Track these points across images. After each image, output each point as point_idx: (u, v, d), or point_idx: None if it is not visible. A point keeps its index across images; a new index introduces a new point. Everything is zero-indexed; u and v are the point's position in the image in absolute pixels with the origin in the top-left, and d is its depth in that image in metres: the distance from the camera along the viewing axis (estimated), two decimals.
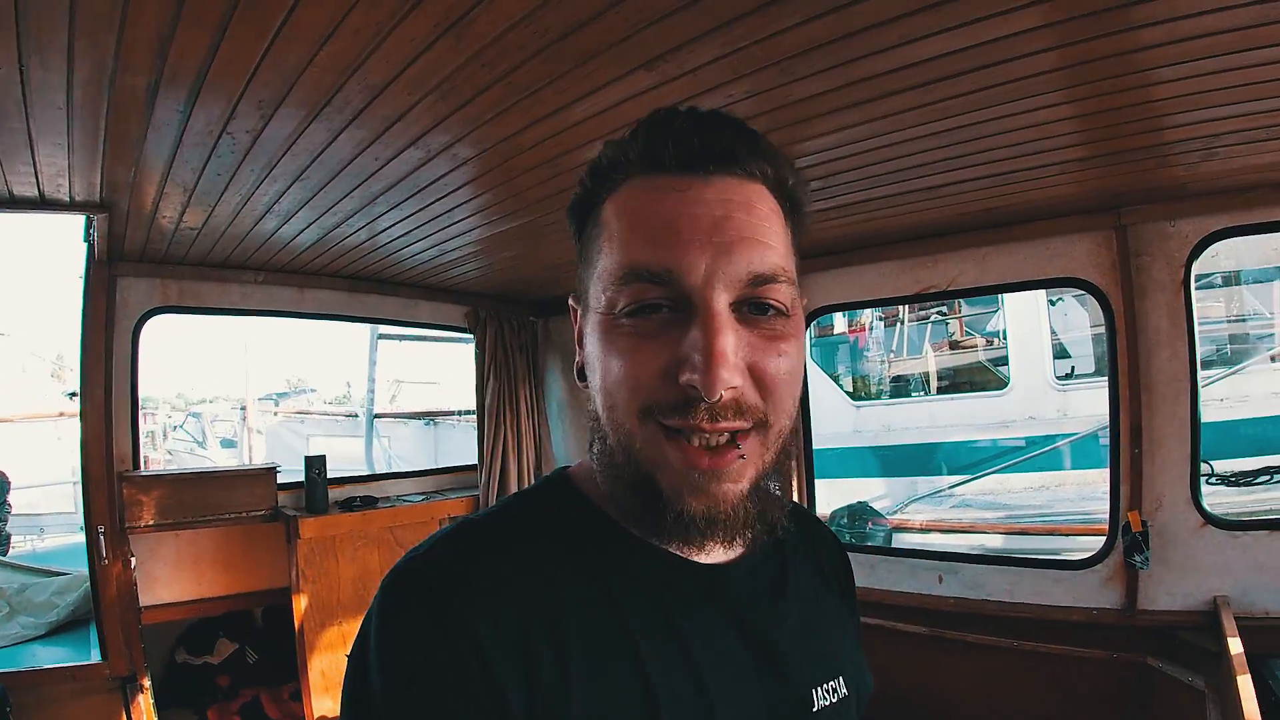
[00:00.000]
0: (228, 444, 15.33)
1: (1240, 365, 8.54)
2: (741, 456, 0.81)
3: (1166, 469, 3.27)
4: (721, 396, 0.77)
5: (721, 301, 0.79)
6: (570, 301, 0.96)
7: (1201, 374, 3.28)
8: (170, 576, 4.32)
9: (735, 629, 0.91)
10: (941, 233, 3.70)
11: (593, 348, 0.86)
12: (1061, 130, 2.50)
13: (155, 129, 2.24)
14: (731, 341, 0.78)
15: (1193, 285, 3.21)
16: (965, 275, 3.74)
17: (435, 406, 12.93)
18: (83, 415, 3.79)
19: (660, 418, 0.80)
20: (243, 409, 13.77)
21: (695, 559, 0.90)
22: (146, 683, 3.79)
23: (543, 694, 0.77)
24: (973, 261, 3.70)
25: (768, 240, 0.83)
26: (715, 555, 0.91)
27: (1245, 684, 2.52)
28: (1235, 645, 2.78)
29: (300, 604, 4.13)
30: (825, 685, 0.98)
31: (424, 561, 0.83)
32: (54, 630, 4.30)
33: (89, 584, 4.27)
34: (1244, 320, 9.85)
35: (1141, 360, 3.27)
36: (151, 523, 3.87)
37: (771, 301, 0.82)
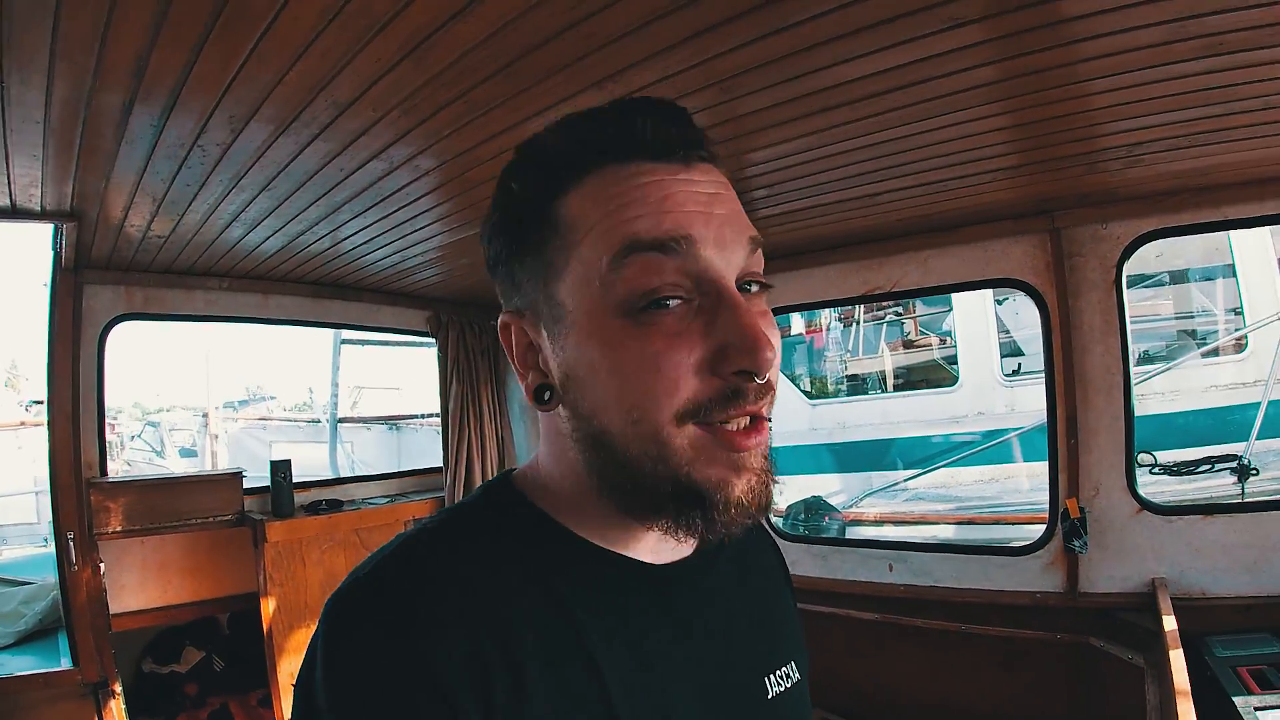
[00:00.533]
0: (187, 453, 15.18)
1: (1176, 361, 8.77)
2: (771, 425, 0.81)
3: (1102, 458, 3.43)
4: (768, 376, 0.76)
5: (733, 282, 0.78)
6: (505, 319, 0.89)
7: (1146, 368, 3.44)
8: (137, 584, 4.32)
9: (691, 626, 0.91)
10: (885, 237, 3.84)
11: (586, 357, 0.79)
12: (994, 140, 2.64)
13: (129, 142, 2.32)
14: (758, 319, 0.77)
15: (1124, 284, 3.36)
16: (908, 277, 3.89)
17: (397, 411, 12.92)
18: (50, 422, 3.79)
19: (704, 417, 0.77)
20: (204, 416, 13.68)
21: (646, 560, 0.89)
22: (118, 688, 3.80)
23: (500, 712, 0.75)
24: (915, 264, 3.85)
25: (747, 215, 0.82)
26: (665, 555, 0.90)
27: (1177, 658, 2.66)
28: (1170, 623, 2.92)
29: (268, 607, 4.16)
30: (779, 672, 0.99)
31: (369, 582, 0.80)
32: (22, 639, 4.25)
33: (58, 592, 4.29)
34: (1192, 317, 10.11)
35: (1076, 356, 3.43)
36: (119, 528, 3.88)
37: (758, 276, 0.82)
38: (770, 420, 0.80)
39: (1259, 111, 2.38)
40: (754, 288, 0.82)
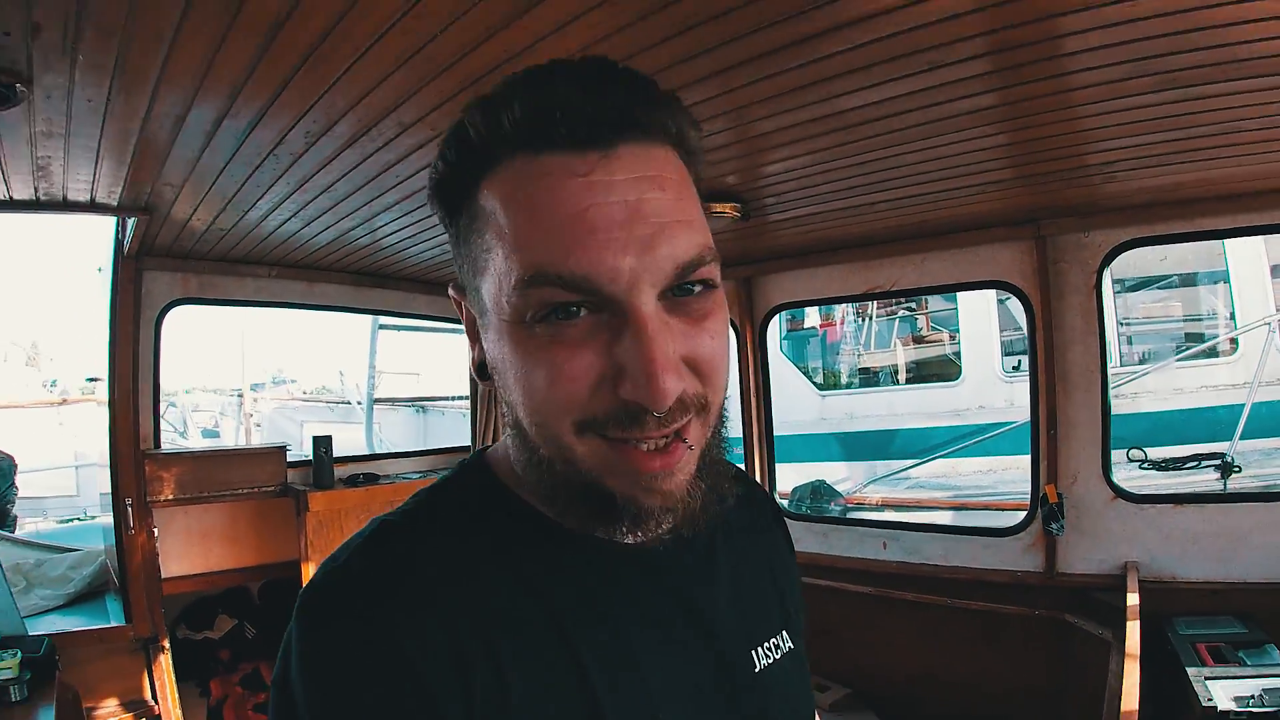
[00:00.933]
0: (209, 434, 15.36)
1: (1161, 363, 8.95)
2: (690, 448, 0.75)
3: (1080, 449, 3.71)
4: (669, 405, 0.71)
5: (649, 301, 0.71)
6: (452, 293, 0.87)
7: (1137, 368, 3.69)
8: (181, 551, 4.55)
9: (670, 605, 0.89)
10: (885, 240, 4.13)
11: (501, 353, 0.77)
12: (985, 158, 2.93)
13: (211, 151, 2.60)
14: (669, 344, 0.71)
15: (1104, 289, 3.64)
16: (906, 277, 4.19)
17: (418, 395, 13.13)
18: (111, 398, 4.06)
19: (602, 432, 0.73)
20: (239, 395, 13.94)
21: (623, 540, 0.85)
22: (166, 643, 4.09)
23: (479, 702, 0.73)
24: (912, 265, 4.14)
25: (689, 218, 0.74)
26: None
27: (1134, 629, 2.95)
28: (1132, 599, 3.21)
29: (308, 572, 4.30)
30: (767, 643, 0.97)
31: (342, 573, 0.78)
32: (71, 601, 4.53)
33: (104, 557, 4.60)
34: (1200, 319, 10.26)
35: (1058, 354, 3.71)
36: (171, 496, 4.14)
37: (704, 277, 0.75)
38: (688, 443, 0.76)
39: (1213, 137, 2.66)
40: (697, 289, 0.76)
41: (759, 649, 0.96)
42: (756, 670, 0.94)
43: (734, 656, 0.93)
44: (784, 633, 1.00)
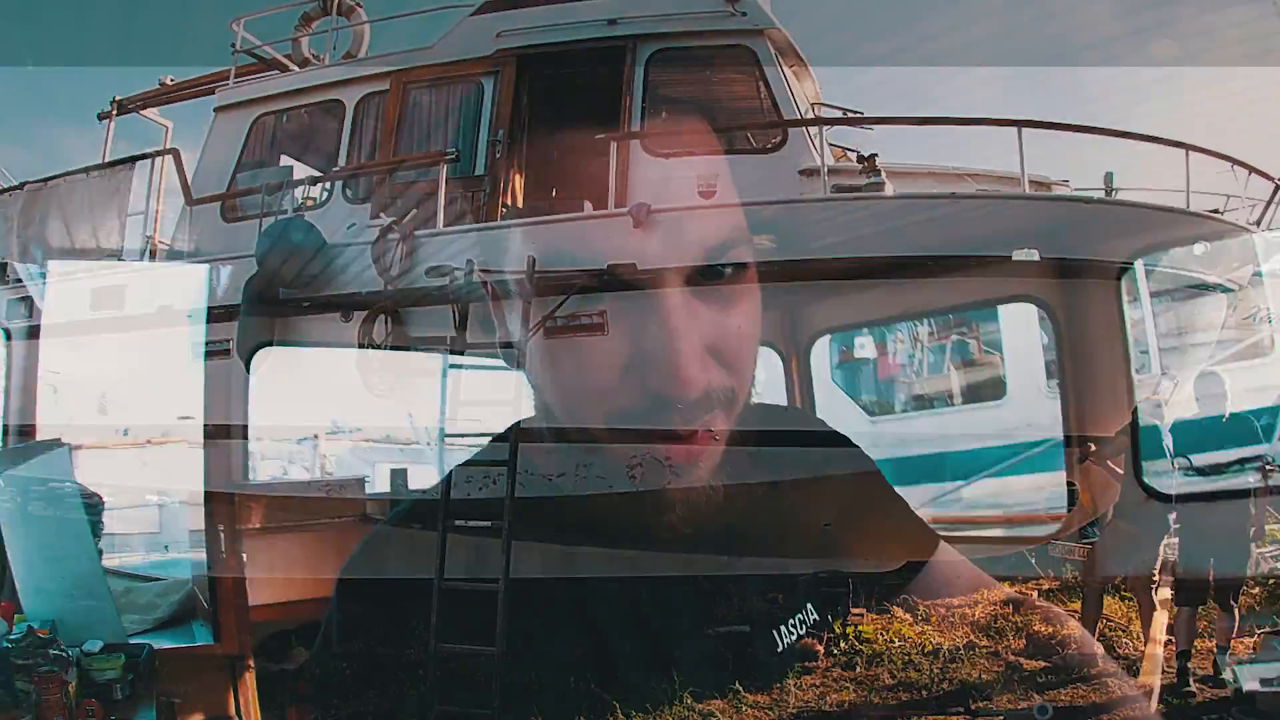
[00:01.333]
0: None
1: (1190, 371, 8.86)
2: (715, 439, 0.76)
3: (1113, 454, 3.88)
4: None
5: (675, 288, 0.64)
6: (477, 269, 0.83)
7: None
8: (264, 582, 4.66)
9: (692, 581, 0.86)
10: (920, 262, 4.17)
11: (524, 335, 0.73)
12: (1008, 177, 3.16)
13: (304, 211, 2.93)
14: (695, 334, 0.64)
15: (1124, 297, 3.85)
16: (940, 298, 4.52)
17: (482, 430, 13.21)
18: (206, 435, 4.33)
19: (630, 421, 0.76)
20: (315, 439, 14.07)
21: (643, 519, 0.83)
22: (251, 661, 4.30)
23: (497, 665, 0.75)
24: (941, 288, 4.28)
25: (721, 199, 0.69)
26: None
27: (1160, 617, 3.15)
28: (1165, 593, 3.42)
29: None
30: (793, 620, 0.94)
31: (379, 543, 0.89)
32: (159, 626, 4.68)
33: (191, 586, 4.82)
34: (1251, 324, 10.09)
35: (1084, 363, 3.90)
36: (259, 525, 4.48)
37: (736, 258, 0.71)
38: (714, 433, 0.77)
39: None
40: (727, 270, 0.71)
41: (784, 626, 0.95)
42: (779, 650, 0.94)
43: (756, 632, 0.94)
44: (808, 606, 0.99)
